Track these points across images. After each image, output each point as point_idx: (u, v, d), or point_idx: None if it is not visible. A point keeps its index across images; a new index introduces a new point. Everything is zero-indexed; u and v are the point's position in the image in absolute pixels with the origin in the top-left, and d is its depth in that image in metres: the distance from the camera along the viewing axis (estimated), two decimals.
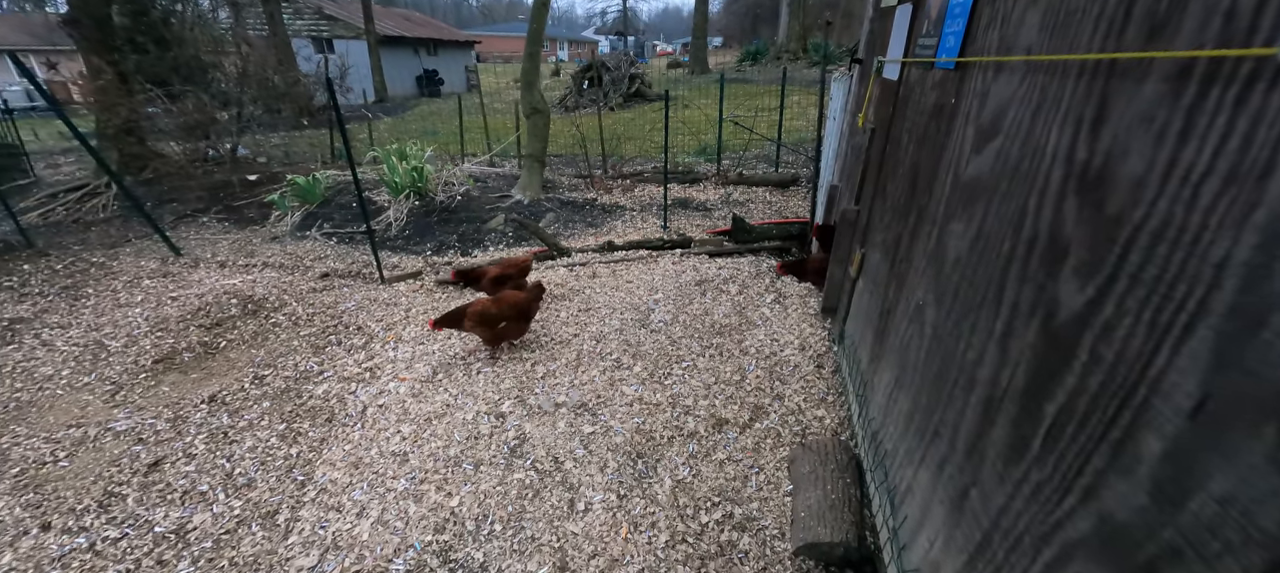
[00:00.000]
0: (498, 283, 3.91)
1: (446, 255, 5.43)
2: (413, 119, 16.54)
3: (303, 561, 2.15)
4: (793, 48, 27.05)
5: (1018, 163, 1.32)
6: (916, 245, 1.99)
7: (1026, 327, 1.22)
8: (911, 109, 2.27)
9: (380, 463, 2.64)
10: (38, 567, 2.18)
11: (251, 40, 10.59)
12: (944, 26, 1.87)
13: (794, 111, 11.98)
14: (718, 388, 3.08)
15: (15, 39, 22.31)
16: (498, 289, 3.80)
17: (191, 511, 2.43)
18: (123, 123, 7.55)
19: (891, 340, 2.17)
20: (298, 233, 6.18)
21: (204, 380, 3.41)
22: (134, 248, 5.82)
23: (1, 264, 5.33)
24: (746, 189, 7.34)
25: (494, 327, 3.34)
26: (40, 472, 2.70)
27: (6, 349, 3.81)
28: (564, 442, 2.71)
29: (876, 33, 3.16)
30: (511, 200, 6.73)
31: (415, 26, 27.22)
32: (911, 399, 1.86)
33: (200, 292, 4.59)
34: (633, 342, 3.57)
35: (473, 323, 3.29)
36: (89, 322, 4.18)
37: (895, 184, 2.39)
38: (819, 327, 3.67)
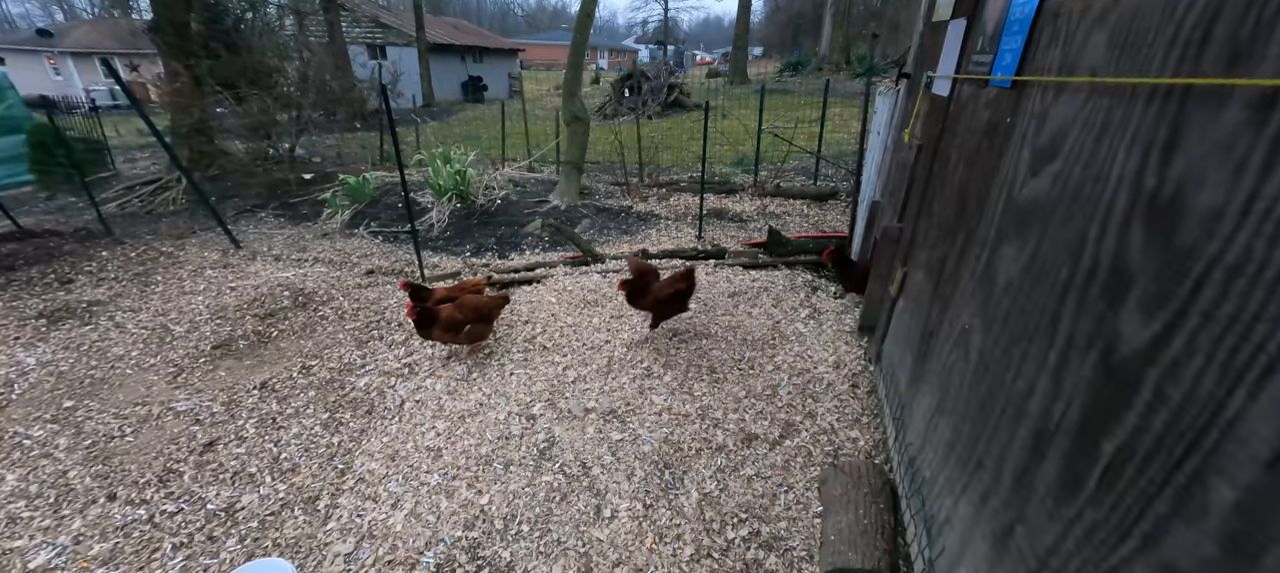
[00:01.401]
0: (442, 304, 3.66)
1: (484, 258, 5.57)
2: (457, 124, 17.09)
3: (340, 546, 2.24)
4: (835, 59, 26.63)
5: (1078, 188, 1.26)
6: (963, 267, 1.92)
7: (1083, 359, 1.16)
8: (962, 127, 2.20)
9: (415, 457, 2.72)
10: (103, 534, 2.35)
11: (313, 47, 11.21)
12: (1001, 43, 1.81)
13: (835, 124, 11.78)
14: (748, 402, 3.04)
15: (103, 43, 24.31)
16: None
17: (241, 491, 2.56)
18: (194, 122, 8.10)
19: (933, 364, 2.10)
20: (347, 230, 6.47)
21: (256, 368, 3.60)
22: (199, 239, 6.22)
23: (83, 250, 5.79)
24: (783, 201, 7.24)
25: (459, 331, 3.38)
26: (109, 445, 2.91)
27: (84, 329, 4.13)
28: (592, 447, 2.73)
29: (926, 47, 3.08)
30: (549, 206, 6.85)
31: (463, 35, 28.18)
32: (953, 427, 1.79)
33: (256, 283, 4.86)
34: (663, 351, 3.57)
35: (442, 330, 3.33)
36: (157, 307, 4.48)
37: (942, 203, 2.32)
38: (855, 345, 3.58)
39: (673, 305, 3.64)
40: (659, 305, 3.58)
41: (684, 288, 3.61)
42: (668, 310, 3.66)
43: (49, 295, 4.73)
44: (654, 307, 3.59)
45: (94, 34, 25.66)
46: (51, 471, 2.72)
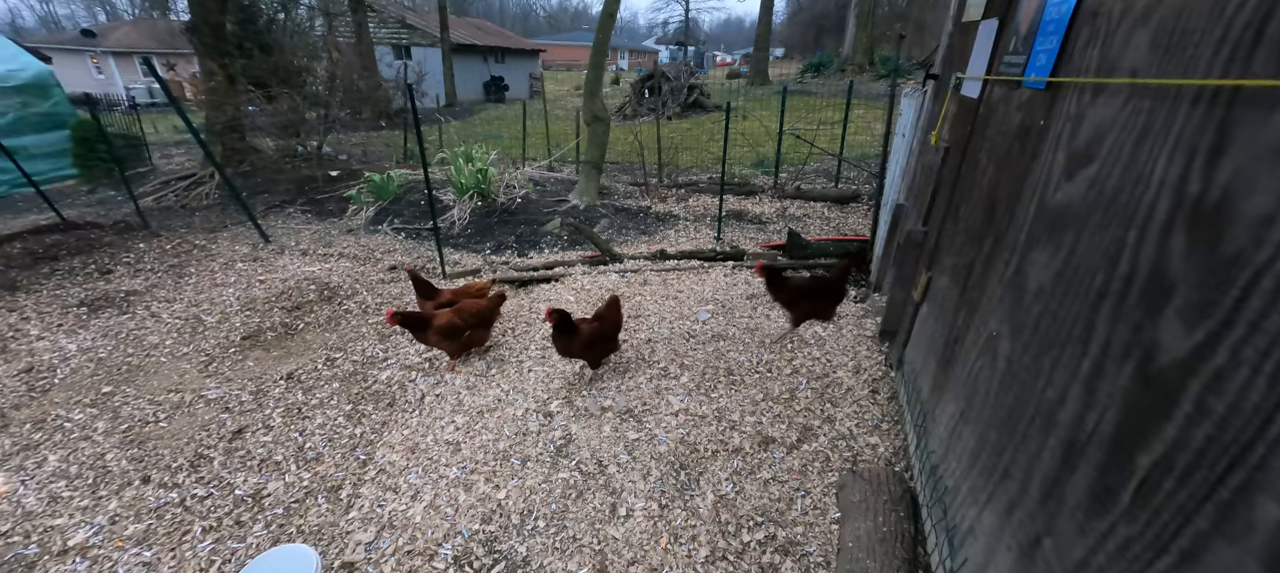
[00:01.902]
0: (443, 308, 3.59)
1: (504, 255, 5.63)
2: (478, 123, 17.30)
3: (361, 535, 2.29)
4: (858, 60, 26.26)
5: (1116, 192, 1.22)
6: (991, 273, 1.88)
7: (1119, 368, 1.12)
8: (992, 129, 2.15)
9: (434, 450, 2.76)
10: (138, 515, 2.43)
11: (341, 47, 11.46)
12: (1035, 44, 1.77)
13: (857, 126, 11.60)
14: (765, 405, 3.02)
15: (143, 43, 25.23)
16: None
17: (267, 478, 2.63)
18: (228, 120, 8.36)
19: (958, 371, 2.06)
20: (371, 227, 6.60)
21: (283, 359, 3.69)
22: (230, 233, 6.41)
23: (122, 242, 6.02)
24: (804, 204, 7.17)
25: (459, 338, 3.33)
26: (144, 429, 3.02)
27: (122, 318, 4.30)
28: (609, 446, 2.73)
29: (955, 48, 3.02)
30: (568, 205, 6.90)
31: (485, 35, 28.53)
32: (978, 435, 1.75)
33: (284, 277, 4.99)
34: (680, 351, 3.56)
35: (439, 337, 3.28)
36: (190, 298, 4.64)
37: (969, 206, 2.27)
38: (875, 350, 3.52)
39: (601, 347, 3.28)
40: (586, 351, 3.17)
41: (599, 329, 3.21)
42: (599, 352, 3.29)
43: (90, 285, 4.93)
44: (582, 352, 3.17)
45: (134, 34, 26.67)
46: (90, 453, 2.83)
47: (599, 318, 3.27)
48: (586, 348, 3.15)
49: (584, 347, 3.13)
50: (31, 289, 4.82)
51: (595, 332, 3.17)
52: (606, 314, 3.29)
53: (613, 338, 3.32)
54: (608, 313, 3.30)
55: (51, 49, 24.25)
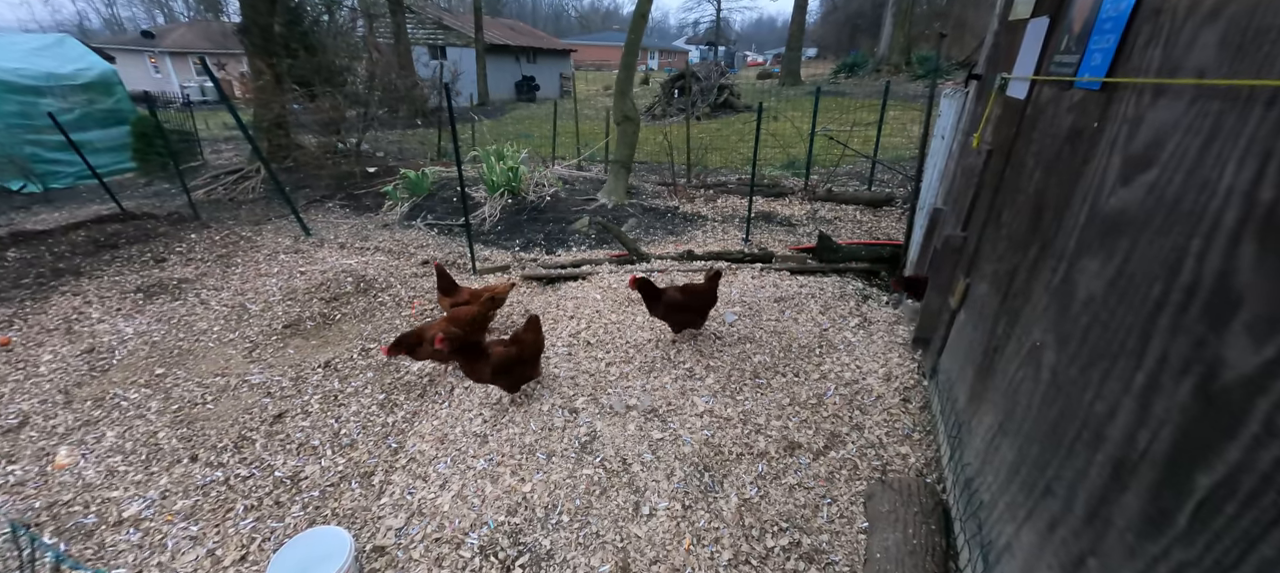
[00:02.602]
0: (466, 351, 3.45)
1: (532, 252, 5.71)
2: (509, 122, 17.59)
3: (392, 521, 2.35)
4: (895, 60, 25.60)
5: (1178, 199, 1.16)
6: (1036, 280, 1.80)
7: (1177, 384, 1.06)
8: (1040, 131, 2.07)
9: (463, 441, 2.82)
10: (186, 491, 2.56)
11: (381, 48, 11.82)
12: (1089, 43, 1.69)
13: (893, 127, 11.32)
14: (792, 410, 2.98)
15: (197, 44, 26.54)
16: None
17: (304, 462, 2.73)
18: (274, 117, 8.72)
19: (997, 381, 1.98)
20: (405, 222, 6.79)
21: (321, 347, 3.83)
22: (274, 226, 6.69)
23: (175, 232, 6.35)
24: (835, 207, 7.03)
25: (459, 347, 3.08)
26: (192, 411, 3.17)
27: (175, 304, 4.53)
28: (633, 445, 2.74)
29: (1000, 47, 2.91)
30: (596, 204, 6.94)
31: (518, 36, 28.97)
32: (1018, 449, 1.68)
33: (323, 269, 5.17)
34: (706, 353, 3.54)
35: (433, 352, 3.05)
36: (236, 287, 4.86)
37: (1013, 211, 2.19)
38: (908, 358, 3.43)
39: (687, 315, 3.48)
40: (499, 376, 3.06)
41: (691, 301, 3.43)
42: (684, 320, 3.53)
43: (145, 272, 5.21)
44: (493, 377, 3.07)
45: (189, 35, 28.09)
46: (144, 431, 3.00)
47: (516, 341, 3.04)
48: (499, 373, 2.92)
49: (497, 372, 2.91)
50: (94, 275, 5.13)
51: (510, 357, 2.93)
52: (524, 336, 3.08)
53: (533, 362, 3.09)
54: (526, 335, 3.09)
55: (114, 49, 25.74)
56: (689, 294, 3.53)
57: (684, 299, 3.49)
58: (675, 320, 3.59)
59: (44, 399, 3.28)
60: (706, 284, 3.61)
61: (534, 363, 3.12)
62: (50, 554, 2.05)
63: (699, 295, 3.57)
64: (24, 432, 3.02)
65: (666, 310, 3.51)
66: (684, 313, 3.55)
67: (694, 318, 3.61)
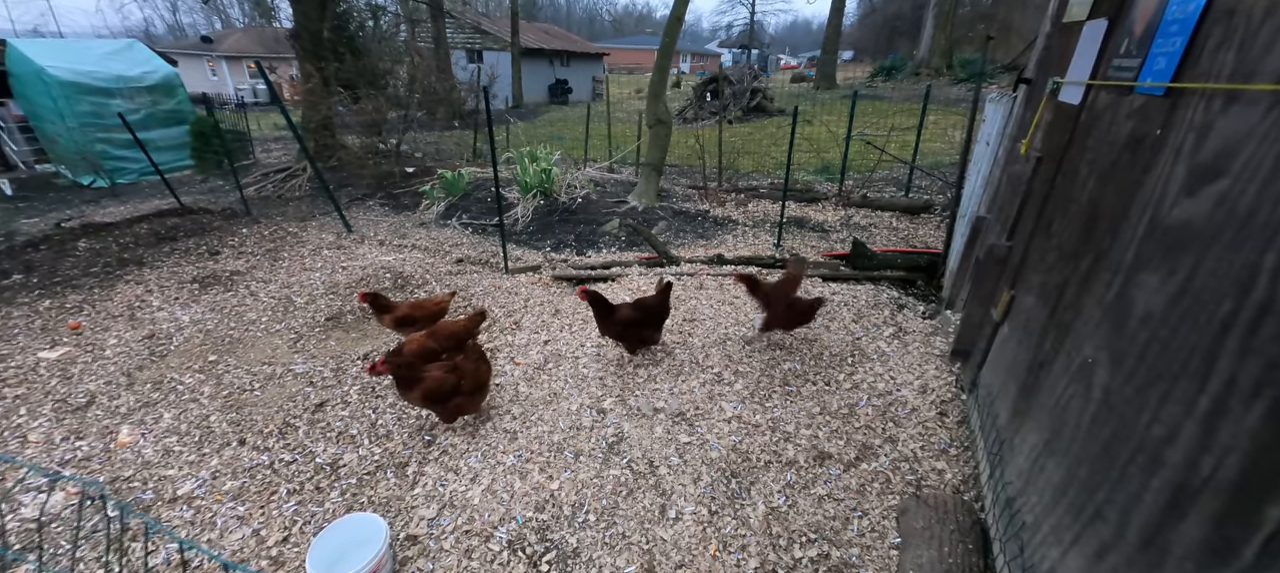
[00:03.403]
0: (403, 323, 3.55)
1: (563, 253, 5.78)
2: (542, 124, 17.85)
3: (424, 511, 2.42)
4: (935, 63, 24.83)
5: (1251, 211, 1.09)
6: (1088, 294, 1.72)
7: (1246, 408, 1.00)
8: (1095, 138, 1.98)
9: (493, 437, 2.87)
10: (234, 473, 2.70)
11: (421, 52, 12.19)
12: (1153, 46, 1.61)
13: (932, 132, 10.98)
14: (822, 419, 2.92)
15: (251, 48, 27.93)
16: (404, 327, 3.51)
17: (343, 450, 2.84)
18: (321, 118, 9.09)
19: (1043, 398, 1.90)
20: (441, 221, 6.97)
21: (360, 340, 3.97)
22: (318, 222, 6.97)
23: (227, 226, 6.69)
24: (870, 213, 6.87)
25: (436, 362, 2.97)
26: (241, 396, 3.33)
27: (227, 295, 4.77)
28: (660, 447, 2.74)
29: (1052, 49, 2.80)
30: (627, 206, 6.97)
31: (552, 39, 29.40)
32: (1066, 469, 1.61)
33: (363, 264, 5.36)
34: (735, 358, 3.51)
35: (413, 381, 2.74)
36: (283, 280, 5.08)
37: (1064, 221, 2.09)
38: (945, 370, 3.32)
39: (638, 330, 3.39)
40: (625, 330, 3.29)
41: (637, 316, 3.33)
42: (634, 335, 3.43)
43: (201, 264, 5.51)
44: (621, 334, 3.33)
45: (244, 40, 29.59)
46: (197, 414, 3.17)
47: (455, 368, 2.79)
48: (430, 401, 2.72)
49: (428, 399, 2.70)
50: (154, 265, 5.45)
51: (444, 386, 2.71)
52: (465, 365, 2.82)
53: (473, 394, 2.86)
54: (467, 363, 2.83)
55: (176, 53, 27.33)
56: (641, 309, 3.41)
57: (636, 315, 3.36)
58: (630, 338, 3.46)
59: (109, 381, 3.51)
60: (657, 296, 3.48)
61: (474, 396, 2.87)
62: (135, 519, 2.19)
63: (650, 309, 3.44)
64: (91, 410, 3.24)
65: (622, 329, 3.37)
66: (638, 329, 3.42)
67: (649, 333, 3.49)
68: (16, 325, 4.26)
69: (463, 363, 2.85)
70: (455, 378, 2.76)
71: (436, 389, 2.72)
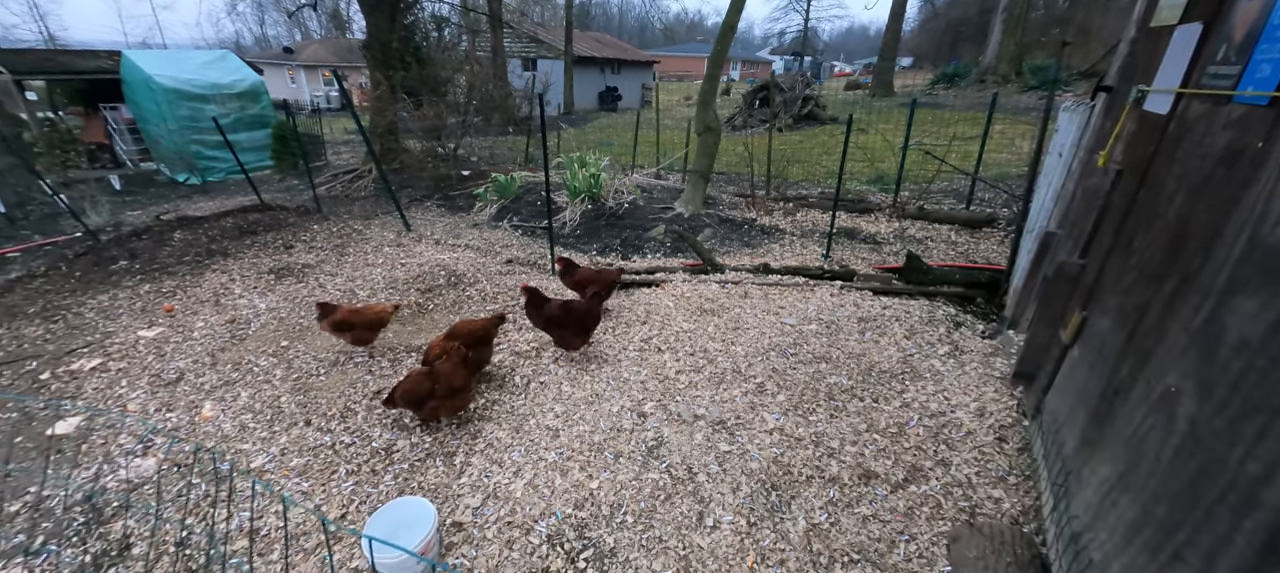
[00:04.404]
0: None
1: (608, 257, 5.86)
2: (592, 130, 18.18)
3: (470, 500, 2.51)
4: (1003, 70, 23.50)
5: None
6: (1173, 318, 1.59)
7: None
8: (1185, 151, 1.83)
9: (536, 433, 2.95)
10: (300, 451, 2.90)
11: (480, 61, 12.72)
12: (1255, 51, 1.47)
13: (997, 142, 10.42)
14: (869, 437, 2.82)
15: (326, 58, 29.98)
16: (341, 331, 3.68)
17: (397, 436, 2.99)
18: (387, 124, 9.64)
19: (1118, 428, 1.77)
20: (493, 222, 7.23)
21: (416, 333, 4.17)
22: (381, 221, 7.39)
23: (301, 222, 7.20)
24: (927, 225, 6.58)
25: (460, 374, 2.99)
26: (308, 380, 3.58)
27: (298, 286, 5.14)
28: (700, 454, 2.73)
29: (1137, 56, 2.61)
30: (673, 213, 7.00)
31: (603, 48, 29.93)
32: (1141, 506, 1.49)
33: (420, 262, 5.64)
34: (779, 369, 3.45)
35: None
36: (348, 274, 5.42)
37: (1147, 239, 1.94)
38: (1006, 393, 3.13)
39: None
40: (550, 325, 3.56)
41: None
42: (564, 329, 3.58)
43: (276, 256, 5.96)
44: (546, 327, 3.60)
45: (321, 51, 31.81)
46: (269, 394, 3.42)
47: (432, 373, 2.90)
48: (408, 402, 2.85)
49: (405, 400, 2.85)
50: (237, 256, 5.95)
51: (420, 390, 2.82)
52: (441, 368, 2.92)
53: (450, 397, 2.91)
54: (443, 366, 2.93)
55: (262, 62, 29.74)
56: (566, 311, 3.59)
57: (561, 315, 3.57)
58: (554, 334, 3.66)
59: (196, 360, 3.85)
60: (587, 303, 3.65)
61: (448, 400, 2.90)
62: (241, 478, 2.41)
63: (575, 314, 3.58)
64: (179, 386, 3.56)
65: (546, 323, 3.62)
66: (559, 328, 3.59)
67: (571, 337, 3.58)
68: (121, 306, 4.75)
69: (439, 367, 2.96)
70: (430, 383, 2.88)
71: (412, 391, 2.86)
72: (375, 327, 3.79)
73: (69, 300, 4.90)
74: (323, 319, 3.69)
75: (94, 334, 4.27)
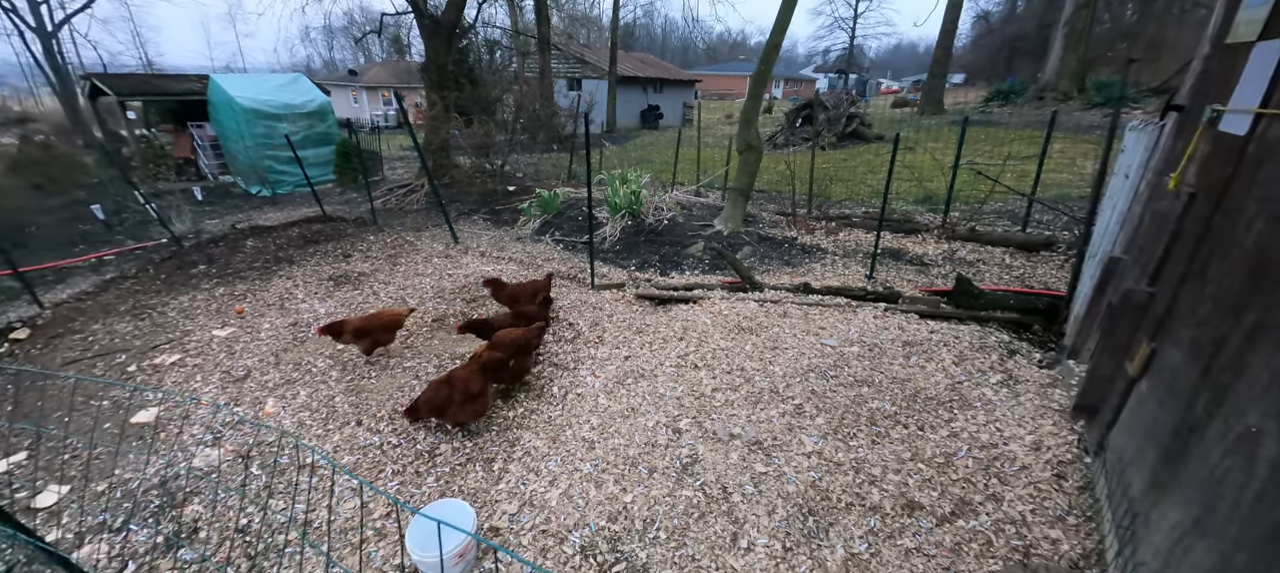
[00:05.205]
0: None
1: (647, 272, 5.91)
2: (634, 148, 18.45)
3: (507, 506, 2.58)
4: (1064, 86, 22.34)
5: None
6: (1254, 352, 1.48)
7: None
8: (1267, 174, 1.71)
9: (572, 444, 3.00)
10: (351, 450, 3.05)
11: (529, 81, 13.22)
12: None
13: (1057, 162, 9.90)
14: (913, 466, 2.72)
15: (386, 79, 31.87)
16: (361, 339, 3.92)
17: (439, 440, 3.10)
18: (440, 141, 10.14)
19: (1192, 469, 1.64)
20: (535, 236, 7.44)
21: (460, 342, 4.33)
22: (431, 233, 7.73)
23: (358, 233, 7.63)
24: (978, 247, 6.30)
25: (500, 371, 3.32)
26: (360, 383, 3.77)
27: (355, 293, 5.44)
28: (735, 474, 2.70)
29: (1212, 73, 2.45)
30: (712, 230, 7.00)
31: (646, 68, 30.44)
32: (1219, 555, 1.38)
33: (466, 273, 5.86)
34: (818, 391, 3.38)
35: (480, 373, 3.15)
36: (399, 283, 5.69)
37: (1224, 268, 1.82)
38: (1065, 427, 2.95)
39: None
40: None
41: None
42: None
43: (335, 264, 6.33)
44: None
45: (382, 73, 33.85)
46: (325, 394, 3.63)
47: (449, 380, 3.08)
48: (432, 411, 3.06)
49: (429, 410, 3.05)
50: (301, 263, 6.36)
51: (440, 397, 3.04)
52: (456, 374, 3.12)
53: (464, 403, 3.05)
54: (458, 372, 3.13)
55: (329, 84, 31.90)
56: (503, 345, 3.45)
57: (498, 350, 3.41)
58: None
59: (261, 359, 4.13)
60: (524, 332, 3.59)
61: (464, 405, 3.05)
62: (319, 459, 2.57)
63: (513, 346, 3.46)
64: (246, 382, 3.83)
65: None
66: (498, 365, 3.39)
67: (500, 375, 3.42)
68: (199, 307, 5.16)
69: (455, 374, 3.13)
70: (448, 390, 3.04)
71: (433, 400, 3.04)
72: (393, 328, 4.06)
73: (155, 300, 5.37)
74: (338, 337, 3.89)
75: (175, 332, 4.66)
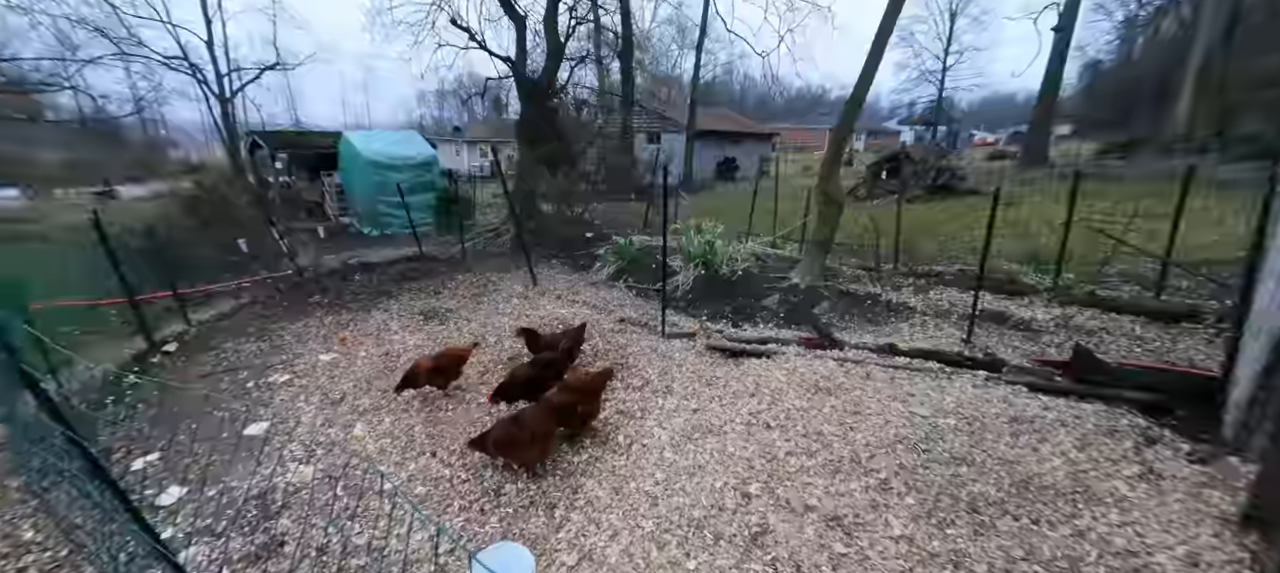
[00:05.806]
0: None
1: (719, 323, 5.79)
2: (709, 199, 18.60)
3: (566, 557, 2.52)
4: (1198, 137, 19.77)
5: None
6: None
7: None
8: None
9: (634, 498, 2.90)
10: (434, 482, 3.16)
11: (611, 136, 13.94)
12: None
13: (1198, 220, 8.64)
14: (1027, 567, 2.33)
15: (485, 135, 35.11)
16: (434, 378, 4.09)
17: (505, 480, 3.14)
18: (528, 191, 10.85)
19: None
20: (609, 282, 7.61)
21: None
22: (512, 275, 8.17)
23: (448, 272, 8.23)
24: (1100, 314, 5.56)
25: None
26: (439, 414, 3.95)
27: (442, 328, 5.81)
28: (810, 552, 2.46)
29: None
30: (789, 282, 6.77)
31: (722, 122, 31.12)
32: None
33: (542, 315, 6.08)
34: (907, 465, 3.05)
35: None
36: (481, 320, 6.01)
37: None
38: (1229, 540, 2.42)
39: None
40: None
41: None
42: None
43: (427, 300, 6.84)
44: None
45: (483, 129, 37.45)
46: (406, 423, 3.83)
47: (516, 420, 3.18)
48: (502, 450, 3.14)
49: (499, 448, 3.14)
50: (397, 297, 6.93)
51: (511, 436, 3.11)
52: (524, 416, 3.24)
53: (525, 446, 3.12)
54: (527, 414, 3.26)
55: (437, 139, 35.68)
56: (572, 389, 3.54)
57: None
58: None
59: (356, 384, 4.47)
60: (593, 376, 3.71)
61: (532, 446, 3.11)
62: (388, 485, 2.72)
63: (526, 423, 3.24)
64: (341, 406, 4.14)
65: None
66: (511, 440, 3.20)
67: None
68: (311, 333, 5.74)
69: (524, 415, 3.22)
70: (517, 428, 3.12)
71: (502, 439, 3.11)
72: (459, 362, 4.29)
73: (275, 325, 6.06)
74: (417, 377, 4.03)
75: (288, 353, 5.20)
